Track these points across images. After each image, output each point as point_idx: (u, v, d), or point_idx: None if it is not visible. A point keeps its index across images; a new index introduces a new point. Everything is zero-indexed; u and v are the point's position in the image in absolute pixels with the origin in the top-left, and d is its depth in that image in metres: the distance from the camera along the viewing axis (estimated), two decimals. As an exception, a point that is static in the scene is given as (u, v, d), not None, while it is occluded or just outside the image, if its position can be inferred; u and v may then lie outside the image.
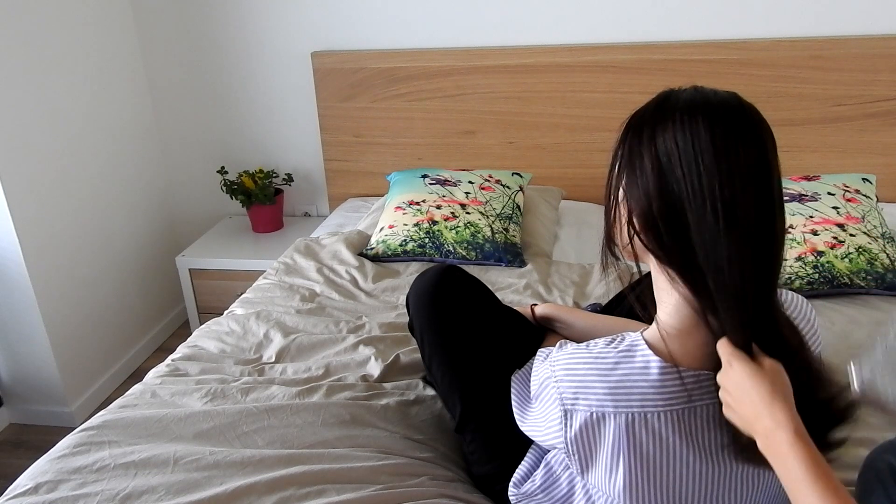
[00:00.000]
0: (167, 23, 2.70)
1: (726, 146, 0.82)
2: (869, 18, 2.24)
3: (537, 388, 1.01)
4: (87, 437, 1.30)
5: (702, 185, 0.82)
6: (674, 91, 0.89)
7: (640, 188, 0.87)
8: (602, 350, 0.92)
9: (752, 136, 0.84)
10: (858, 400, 0.79)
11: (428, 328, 1.32)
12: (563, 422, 0.94)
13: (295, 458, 1.23)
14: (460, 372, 1.27)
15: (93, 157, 2.51)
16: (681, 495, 0.92)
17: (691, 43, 2.33)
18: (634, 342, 0.91)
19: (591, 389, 0.91)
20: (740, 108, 0.86)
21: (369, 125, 2.62)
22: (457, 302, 1.32)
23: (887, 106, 2.26)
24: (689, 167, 0.83)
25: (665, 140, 0.84)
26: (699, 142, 0.83)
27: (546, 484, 1.09)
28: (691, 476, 0.92)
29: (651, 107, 0.89)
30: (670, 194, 0.84)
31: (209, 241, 2.76)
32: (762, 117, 0.87)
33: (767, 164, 0.85)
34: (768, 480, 0.96)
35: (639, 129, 0.88)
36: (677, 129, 0.84)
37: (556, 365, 0.95)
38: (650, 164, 0.85)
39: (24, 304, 2.25)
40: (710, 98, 0.86)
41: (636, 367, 0.89)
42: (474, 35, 2.49)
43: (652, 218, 0.86)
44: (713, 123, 0.83)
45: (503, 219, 2.15)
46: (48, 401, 2.39)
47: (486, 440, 1.24)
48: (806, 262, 1.81)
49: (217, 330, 1.74)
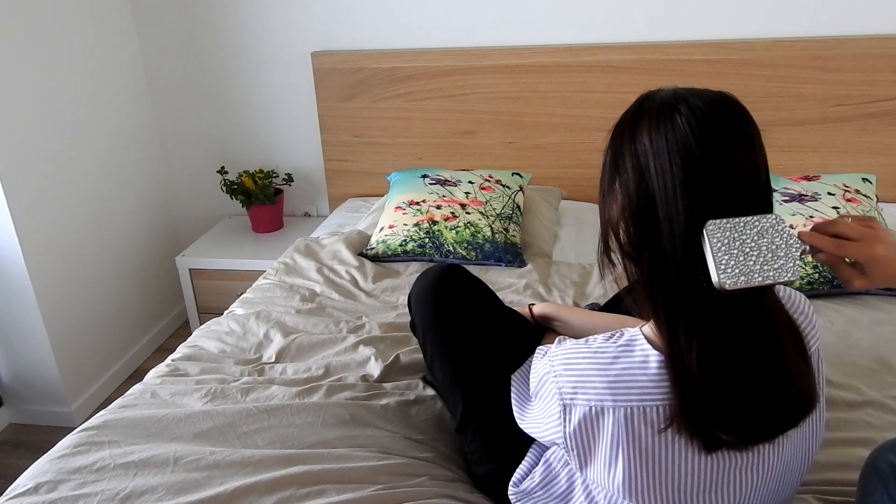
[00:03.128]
0: (167, 23, 2.70)
1: (700, 143, 0.82)
2: (869, 18, 2.24)
3: (536, 384, 1.02)
4: (87, 437, 1.30)
5: (673, 183, 0.82)
6: (652, 92, 0.89)
7: (624, 189, 0.87)
8: (601, 345, 0.92)
9: (732, 133, 0.83)
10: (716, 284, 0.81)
11: (430, 327, 1.32)
12: (562, 416, 0.94)
13: (295, 458, 1.23)
14: (462, 371, 1.27)
15: (93, 158, 2.51)
16: (680, 489, 0.93)
17: (691, 43, 2.33)
18: (633, 337, 0.91)
19: (591, 383, 0.91)
20: (720, 104, 0.84)
21: (369, 125, 2.62)
22: (459, 301, 1.32)
23: (887, 106, 2.26)
24: (661, 165, 0.83)
25: (642, 140, 0.85)
26: (671, 139, 0.83)
27: (545, 481, 1.09)
28: (690, 470, 0.92)
29: (632, 109, 0.90)
30: (648, 193, 0.84)
31: (209, 241, 2.76)
32: (745, 114, 0.86)
33: (749, 160, 0.83)
34: (768, 474, 0.97)
35: (620, 132, 0.89)
36: (652, 127, 0.84)
37: (554, 360, 0.96)
38: (630, 165, 0.86)
39: (24, 304, 2.25)
40: (686, 96, 0.85)
41: (635, 361, 0.89)
42: (474, 35, 2.49)
43: (633, 218, 0.87)
44: (688, 120, 0.82)
45: (503, 219, 2.15)
46: (48, 401, 2.39)
47: (487, 439, 1.24)
48: (806, 263, 1.81)
49: (217, 330, 1.74)
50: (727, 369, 0.84)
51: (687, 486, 0.92)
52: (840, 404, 1.39)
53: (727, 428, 0.85)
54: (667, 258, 0.84)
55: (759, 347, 0.85)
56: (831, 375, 1.48)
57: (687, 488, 0.93)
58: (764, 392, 0.86)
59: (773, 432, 0.89)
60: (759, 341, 0.85)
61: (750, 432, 0.87)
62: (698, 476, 0.92)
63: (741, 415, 0.85)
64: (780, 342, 0.87)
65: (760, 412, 0.86)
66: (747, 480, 0.95)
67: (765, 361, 0.85)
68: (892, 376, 1.48)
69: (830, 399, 1.40)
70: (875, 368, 1.51)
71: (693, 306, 0.84)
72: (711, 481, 0.93)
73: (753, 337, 0.85)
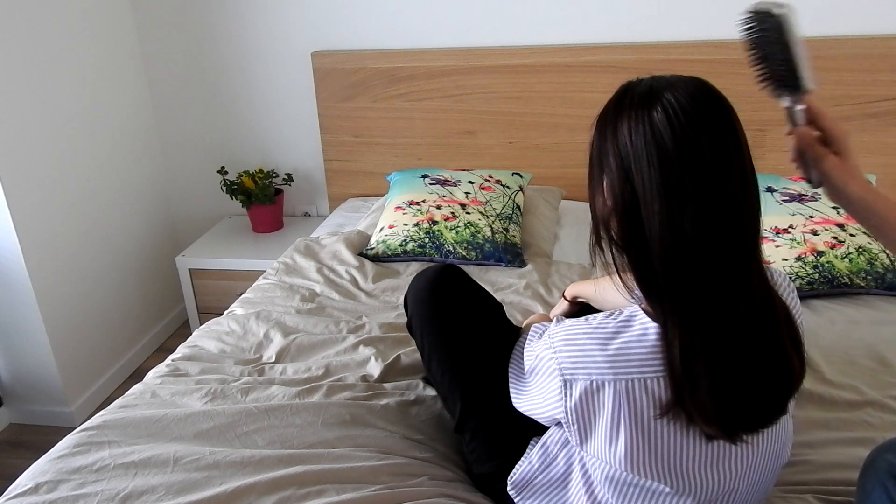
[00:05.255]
0: (167, 23, 2.70)
1: (676, 141, 0.82)
2: (869, 18, 2.24)
3: (533, 361, 1.02)
4: (87, 437, 1.29)
5: (651, 183, 0.83)
6: (632, 84, 0.90)
7: (610, 188, 0.88)
8: (601, 322, 0.94)
9: (708, 127, 0.83)
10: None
11: (427, 327, 1.32)
12: (563, 392, 0.94)
13: (295, 458, 1.23)
14: (460, 370, 1.27)
15: (93, 157, 2.51)
16: (680, 461, 0.93)
17: (691, 43, 2.33)
18: (633, 312, 0.93)
19: (591, 358, 0.92)
20: (697, 98, 0.84)
21: (369, 125, 2.62)
22: (455, 300, 1.32)
23: (887, 106, 2.26)
24: (641, 167, 0.84)
25: (623, 139, 0.86)
26: (649, 139, 0.83)
27: (543, 465, 1.09)
28: (691, 441, 0.92)
29: (612, 102, 0.90)
30: (633, 193, 0.85)
31: (209, 241, 2.76)
32: (720, 103, 0.86)
33: (722, 160, 0.83)
34: (768, 447, 0.97)
35: (603, 127, 0.90)
36: (632, 125, 0.85)
37: (554, 337, 0.97)
38: (615, 164, 0.87)
39: (24, 303, 2.25)
40: (664, 89, 0.85)
41: (634, 334, 0.90)
42: (474, 35, 2.49)
43: (620, 216, 0.88)
44: (664, 117, 0.83)
45: (503, 219, 2.15)
46: (48, 401, 2.39)
47: (486, 439, 1.24)
48: (806, 262, 1.81)
49: (217, 330, 1.74)
50: (713, 366, 0.85)
51: (688, 460, 0.93)
52: (840, 404, 1.39)
53: (711, 423, 0.86)
54: (653, 258, 0.85)
55: (752, 336, 0.86)
56: (831, 375, 1.48)
57: (688, 461, 0.93)
58: (753, 383, 0.87)
59: (764, 422, 0.90)
60: (752, 330, 0.86)
61: (737, 426, 0.88)
62: (699, 450, 0.93)
63: (726, 411, 0.86)
64: (775, 325, 0.88)
65: (749, 405, 0.87)
66: (748, 454, 0.96)
67: (759, 348, 0.87)
68: (892, 376, 1.48)
69: (830, 399, 1.41)
70: (875, 368, 1.51)
71: (680, 307, 0.85)
72: (713, 455, 0.94)
73: (745, 328, 0.86)
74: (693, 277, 0.84)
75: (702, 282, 0.84)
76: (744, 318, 0.86)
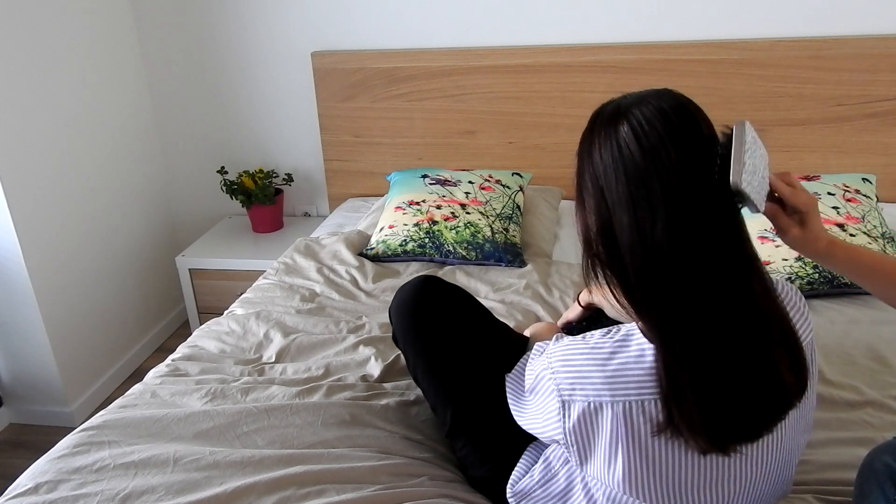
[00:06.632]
0: (167, 23, 2.70)
1: (642, 147, 0.83)
2: (869, 18, 2.24)
3: (532, 381, 1.02)
4: (87, 437, 1.30)
5: (620, 200, 0.84)
6: (603, 106, 0.91)
7: (591, 210, 0.89)
8: (598, 341, 0.93)
9: (675, 131, 0.83)
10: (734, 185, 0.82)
11: (411, 341, 1.32)
12: (561, 412, 0.94)
13: (295, 458, 1.23)
14: (446, 381, 1.27)
15: (93, 157, 2.51)
16: (679, 483, 0.93)
17: (691, 43, 2.33)
18: (629, 332, 0.92)
19: (588, 379, 0.91)
20: (666, 106, 0.84)
21: (369, 125, 2.62)
22: (437, 312, 1.31)
23: (887, 106, 2.26)
24: (611, 185, 0.85)
25: (597, 159, 0.87)
26: (616, 156, 0.84)
27: (544, 479, 1.09)
28: (690, 465, 0.92)
29: (587, 128, 0.92)
30: (609, 212, 0.86)
31: (209, 241, 2.76)
32: (689, 109, 0.85)
33: (696, 157, 0.83)
34: (767, 468, 0.97)
35: (581, 153, 0.91)
36: (602, 145, 0.87)
37: (552, 357, 0.96)
38: (591, 184, 0.88)
39: (24, 304, 2.25)
40: (629, 107, 0.86)
41: (631, 355, 0.90)
42: (474, 35, 2.49)
43: (600, 237, 0.88)
44: (631, 127, 0.84)
45: (503, 219, 2.15)
46: (48, 401, 2.39)
47: (478, 445, 1.23)
48: (806, 262, 1.81)
49: (217, 330, 1.74)
50: (698, 379, 0.84)
51: (687, 482, 0.93)
52: (840, 404, 1.39)
53: (698, 435, 0.86)
54: (628, 272, 0.85)
55: (738, 348, 0.85)
56: (831, 375, 1.48)
57: (687, 483, 0.93)
58: (740, 396, 0.85)
59: (755, 433, 0.89)
60: (738, 342, 0.85)
61: (727, 438, 0.87)
62: (698, 471, 0.93)
63: (714, 423, 0.85)
64: (766, 337, 0.86)
65: (738, 418, 0.86)
66: (746, 474, 0.95)
67: (745, 361, 0.85)
68: (892, 376, 1.48)
69: (830, 399, 1.40)
70: (875, 368, 1.51)
71: (661, 319, 0.85)
72: (712, 476, 0.93)
73: (730, 339, 0.85)
74: (671, 288, 0.83)
75: (681, 293, 0.83)
76: (729, 330, 0.84)
